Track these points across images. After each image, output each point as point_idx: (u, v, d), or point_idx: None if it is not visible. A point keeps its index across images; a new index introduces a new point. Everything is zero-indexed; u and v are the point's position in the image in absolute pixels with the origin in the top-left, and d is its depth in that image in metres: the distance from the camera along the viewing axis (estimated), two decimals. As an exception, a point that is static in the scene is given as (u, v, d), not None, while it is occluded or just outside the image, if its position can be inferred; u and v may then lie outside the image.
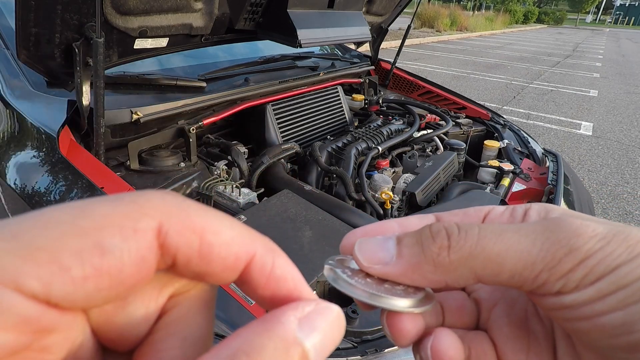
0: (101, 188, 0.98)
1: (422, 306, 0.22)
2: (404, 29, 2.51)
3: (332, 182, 1.51)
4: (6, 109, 1.29)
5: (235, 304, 0.77)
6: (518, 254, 0.20)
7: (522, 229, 0.21)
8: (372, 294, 0.22)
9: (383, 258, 0.22)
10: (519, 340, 0.24)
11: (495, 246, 0.20)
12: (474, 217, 0.25)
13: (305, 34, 1.48)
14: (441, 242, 0.21)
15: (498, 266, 0.20)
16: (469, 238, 0.21)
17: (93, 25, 1.04)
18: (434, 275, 0.21)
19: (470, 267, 0.21)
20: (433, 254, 0.21)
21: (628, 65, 12.12)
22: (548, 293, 0.20)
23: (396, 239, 0.23)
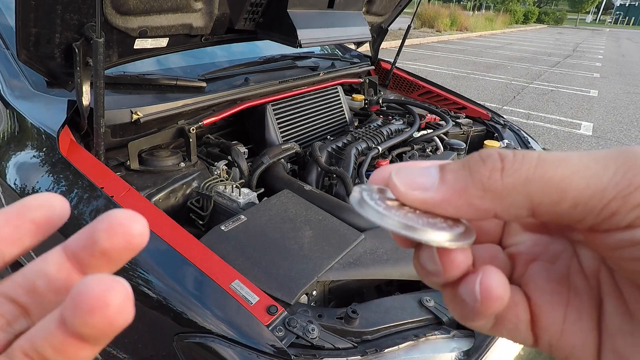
0: (101, 188, 0.98)
1: (464, 240, 0.19)
2: (404, 29, 2.51)
3: (332, 182, 1.51)
4: (6, 109, 1.29)
5: (235, 303, 0.78)
6: (586, 178, 0.17)
7: (593, 154, 0.18)
8: (407, 226, 0.19)
9: (424, 183, 0.20)
10: (557, 295, 0.22)
11: (558, 170, 0.18)
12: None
13: (305, 34, 1.48)
14: (493, 165, 0.18)
15: (560, 192, 0.17)
16: (526, 161, 0.18)
17: (93, 25, 1.04)
18: (482, 202, 0.19)
19: (526, 193, 0.18)
20: (483, 177, 0.18)
21: (628, 65, 12.12)
22: (616, 227, 0.17)
23: (439, 166, 0.20)
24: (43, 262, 0.17)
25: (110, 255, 0.17)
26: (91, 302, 0.15)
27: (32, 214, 0.18)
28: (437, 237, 0.19)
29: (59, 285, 0.17)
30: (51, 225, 0.18)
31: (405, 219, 0.19)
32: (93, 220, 0.17)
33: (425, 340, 0.83)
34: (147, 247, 0.72)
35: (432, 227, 0.19)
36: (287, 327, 0.76)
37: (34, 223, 0.17)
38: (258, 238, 1.01)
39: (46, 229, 0.18)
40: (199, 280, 0.81)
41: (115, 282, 0.15)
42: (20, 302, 0.17)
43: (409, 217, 0.19)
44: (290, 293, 0.86)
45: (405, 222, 0.19)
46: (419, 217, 0.20)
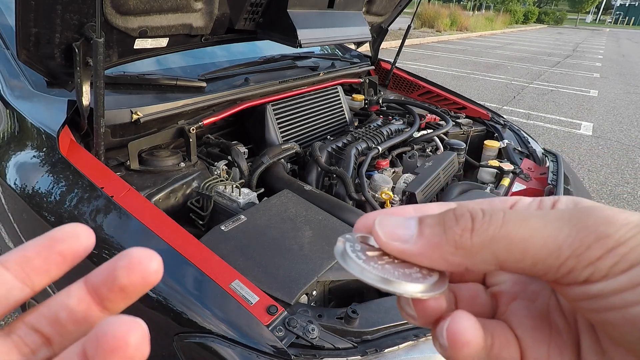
0: (101, 188, 0.98)
1: (436, 290, 0.21)
2: (404, 29, 2.51)
3: (332, 182, 1.51)
4: (6, 109, 1.29)
5: (235, 303, 0.78)
6: (543, 239, 0.19)
7: (550, 215, 0.20)
8: (384, 279, 0.21)
9: (403, 235, 0.22)
10: (539, 332, 0.23)
11: (519, 231, 0.20)
12: (499, 207, 0.24)
13: (305, 34, 1.48)
14: (465, 224, 0.21)
15: (521, 252, 0.19)
16: (494, 221, 0.20)
17: (93, 25, 1.04)
18: (454, 257, 0.21)
19: (492, 252, 0.20)
20: (455, 235, 0.21)
21: (628, 65, 12.12)
22: (574, 282, 0.19)
23: (418, 219, 0.22)
24: (66, 296, 0.19)
25: (128, 291, 0.19)
26: (113, 343, 0.16)
27: (59, 246, 0.19)
28: (410, 289, 0.21)
29: (79, 317, 0.19)
30: (77, 257, 0.19)
31: (383, 272, 0.21)
32: (113, 257, 0.19)
33: (425, 340, 0.83)
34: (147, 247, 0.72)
35: (406, 278, 0.21)
36: (287, 327, 0.76)
37: (61, 255, 0.19)
38: (258, 238, 1.01)
39: (72, 260, 0.19)
40: (199, 280, 0.81)
41: (135, 323, 0.17)
42: (43, 333, 0.19)
43: (387, 269, 0.22)
44: (290, 293, 0.86)
45: (382, 275, 0.21)
46: (396, 267, 0.22)
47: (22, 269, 0.18)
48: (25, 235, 1.15)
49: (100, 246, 0.91)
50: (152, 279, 0.19)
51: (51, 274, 0.19)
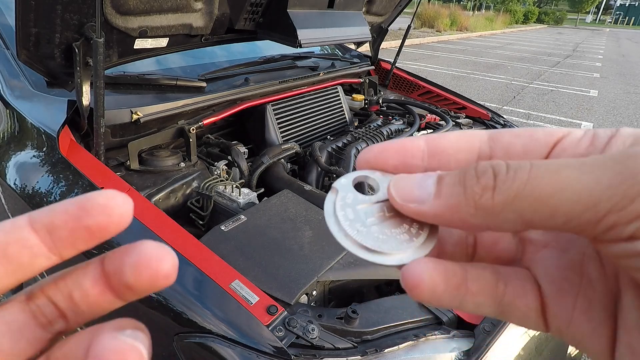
0: (101, 188, 0.98)
1: (419, 254, 0.20)
2: (404, 29, 2.51)
3: (332, 182, 1.51)
4: (6, 109, 1.29)
5: (235, 303, 0.78)
6: (577, 193, 0.17)
7: (586, 164, 0.17)
8: (362, 247, 0.20)
9: (420, 196, 0.20)
10: (567, 283, 0.21)
11: (548, 185, 0.17)
12: (541, 143, 0.21)
13: (305, 34, 1.48)
14: (486, 182, 0.18)
15: (551, 209, 0.17)
16: (518, 177, 0.18)
17: (93, 25, 1.04)
18: (474, 219, 0.19)
19: (516, 211, 0.18)
20: (475, 195, 0.18)
21: (628, 65, 12.12)
22: (617, 239, 0.17)
23: (437, 177, 0.20)
24: (82, 274, 0.18)
25: (135, 289, 0.18)
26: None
27: (87, 219, 0.17)
28: (389, 260, 0.20)
29: (91, 300, 0.18)
30: (106, 234, 0.18)
31: (365, 238, 0.20)
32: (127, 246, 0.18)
33: (425, 340, 0.83)
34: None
35: (389, 243, 0.20)
36: (287, 327, 0.76)
37: (87, 230, 0.17)
38: (258, 238, 1.01)
39: (100, 237, 0.18)
40: (199, 280, 0.81)
41: (130, 346, 0.17)
42: (59, 306, 0.18)
43: (371, 233, 0.21)
44: (290, 293, 0.86)
45: (363, 242, 0.20)
46: (383, 227, 0.21)
47: (50, 236, 0.17)
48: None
49: (100, 246, 0.91)
50: (161, 283, 0.17)
51: (78, 247, 0.18)
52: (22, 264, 0.17)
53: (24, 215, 0.17)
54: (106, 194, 0.17)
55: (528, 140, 0.21)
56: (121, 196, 0.17)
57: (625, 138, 0.19)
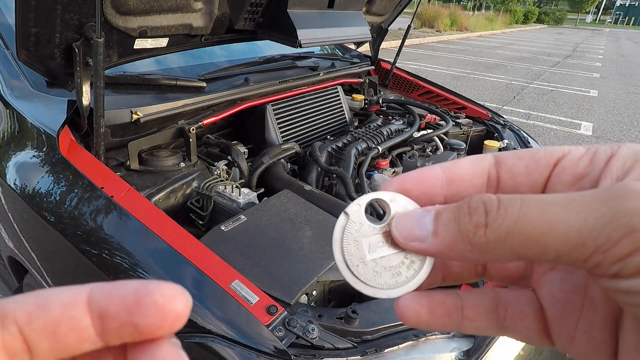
0: (101, 188, 0.98)
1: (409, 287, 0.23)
2: (404, 29, 2.51)
3: (332, 182, 1.51)
4: (6, 109, 1.29)
5: (235, 303, 0.77)
6: (565, 234, 0.17)
7: (575, 203, 0.18)
8: (356, 280, 0.23)
9: (420, 235, 0.21)
10: (570, 306, 0.22)
11: (537, 225, 0.18)
12: (542, 163, 0.21)
13: (305, 34, 1.48)
14: (478, 220, 0.19)
15: (541, 246, 0.18)
16: (509, 215, 0.18)
17: (93, 25, 1.04)
18: (471, 255, 0.20)
19: (509, 248, 0.18)
20: (469, 233, 0.19)
21: (628, 65, 12.12)
22: (603, 275, 0.18)
23: (434, 214, 0.21)
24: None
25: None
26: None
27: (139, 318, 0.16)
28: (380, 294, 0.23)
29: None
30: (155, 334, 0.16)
31: (361, 271, 0.23)
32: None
33: (425, 340, 0.83)
34: (147, 247, 0.72)
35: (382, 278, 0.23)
36: (287, 327, 0.76)
37: (135, 329, 0.16)
38: (258, 238, 1.01)
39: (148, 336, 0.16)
40: (199, 280, 0.81)
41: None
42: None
43: (367, 268, 0.23)
44: (290, 293, 0.86)
45: (357, 276, 0.23)
46: (382, 260, 0.23)
47: (101, 322, 0.16)
48: (25, 235, 1.15)
49: (101, 246, 0.91)
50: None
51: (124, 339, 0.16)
52: (67, 345, 0.16)
53: (86, 287, 0.16)
54: (166, 292, 0.16)
55: (530, 161, 0.22)
56: (181, 296, 0.16)
57: (625, 159, 0.19)
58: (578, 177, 0.21)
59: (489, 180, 0.22)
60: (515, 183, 0.22)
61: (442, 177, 0.23)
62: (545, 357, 1.04)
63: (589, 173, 0.20)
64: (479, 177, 0.23)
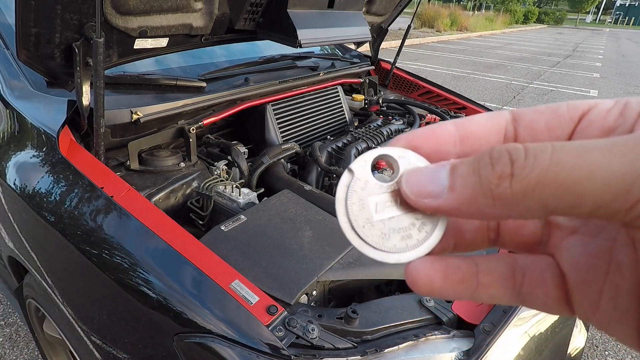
0: (101, 188, 0.98)
1: (421, 252, 0.21)
2: (404, 29, 2.51)
3: (332, 182, 1.51)
4: (6, 109, 1.29)
5: (235, 303, 0.77)
6: (605, 179, 0.15)
7: (616, 146, 0.16)
8: (363, 243, 0.21)
9: (433, 191, 0.19)
10: (593, 271, 0.20)
11: (573, 171, 0.16)
12: (565, 118, 0.20)
13: (305, 34, 1.48)
14: (502, 170, 0.17)
15: (577, 196, 0.16)
16: (538, 163, 0.16)
17: (93, 25, 1.04)
18: (493, 210, 0.18)
19: (538, 199, 0.16)
20: (492, 185, 0.17)
21: (628, 65, 12.12)
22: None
23: (450, 167, 0.19)
24: None
25: None
26: None
27: None
28: (390, 258, 0.21)
29: None
30: None
31: (370, 234, 0.21)
32: None
33: (425, 340, 0.83)
34: (147, 247, 0.72)
35: (391, 241, 0.21)
36: (287, 327, 0.76)
37: None
38: (258, 238, 1.01)
39: None
40: (199, 280, 0.81)
41: None
42: None
43: (375, 229, 0.21)
44: (290, 293, 0.86)
45: (365, 238, 0.21)
46: (390, 221, 0.21)
47: None
48: (25, 235, 1.15)
49: (101, 246, 0.91)
50: None
51: None
52: None
53: None
54: None
55: (551, 116, 0.20)
56: None
57: None
58: (607, 130, 0.19)
59: (505, 137, 0.21)
60: (534, 140, 0.20)
61: (455, 133, 0.21)
62: (546, 357, 1.04)
63: (619, 125, 0.19)
64: (495, 134, 0.21)
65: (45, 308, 1.20)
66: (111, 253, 0.89)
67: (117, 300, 0.89)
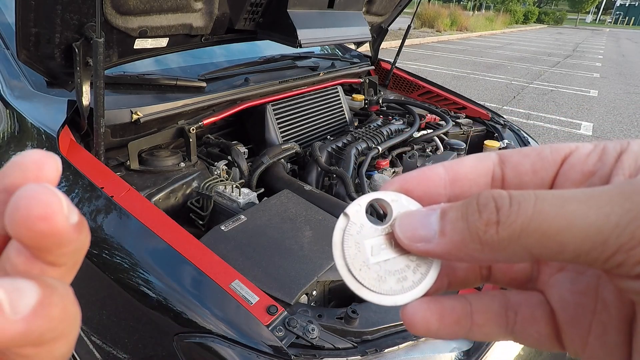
0: (101, 188, 0.98)
1: (416, 294, 0.21)
2: (404, 29, 2.51)
3: (332, 182, 1.51)
4: (6, 109, 1.29)
5: (235, 303, 0.77)
6: (584, 231, 0.16)
7: (593, 197, 0.17)
8: (360, 285, 0.21)
9: (425, 235, 0.20)
10: (581, 308, 0.21)
11: (554, 221, 0.16)
12: (549, 161, 0.21)
13: (305, 34, 1.48)
14: (488, 217, 0.18)
15: (558, 245, 0.17)
16: (522, 211, 0.17)
17: (93, 25, 1.04)
18: (481, 255, 0.18)
19: (523, 246, 0.17)
20: (479, 231, 0.18)
21: (628, 65, 12.12)
22: (625, 275, 0.17)
23: (440, 213, 0.20)
24: None
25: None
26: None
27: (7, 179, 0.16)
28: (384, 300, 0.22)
29: None
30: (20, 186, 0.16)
31: (364, 276, 0.21)
32: None
33: (425, 341, 0.83)
34: (147, 247, 0.72)
35: (385, 283, 0.21)
36: (287, 327, 0.76)
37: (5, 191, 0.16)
38: (258, 238, 1.01)
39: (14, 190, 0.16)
40: (199, 280, 0.81)
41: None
42: None
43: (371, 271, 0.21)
44: (290, 293, 0.86)
45: (362, 281, 0.21)
46: (385, 263, 0.21)
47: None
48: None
49: (100, 246, 0.91)
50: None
51: None
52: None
53: None
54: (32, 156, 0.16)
55: (536, 159, 0.21)
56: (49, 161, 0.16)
57: (637, 155, 0.19)
58: (587, 174, 0.20)
59: (493, 179, 0.22)
60: (520, 182, 0.21)
61: (445, 176, 0.22)
62: (545, 358, 1.04)
63: (598, 170, 0.20)
64: (483, 176, 0.22)
65: (45, 308, 1.20)
66: (111, 253, 0.89)
67: (117, 300, 0.90)
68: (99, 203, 0.97)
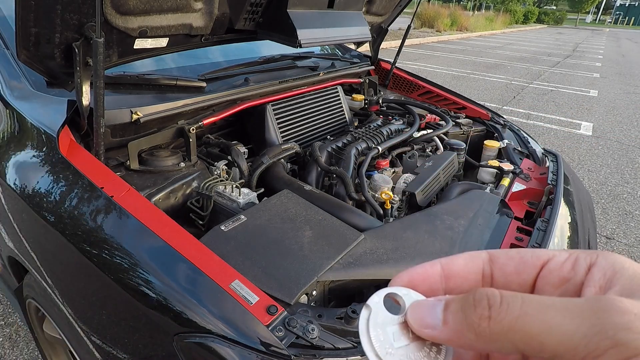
0: (101, 188, 0.98)
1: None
2: (404, 29, 2.51)
3: (332, 182, 1.51)
4: (6, 109, 1.29)
5: (234, 303, 0.77)
6: (559, 336, 0.19)
7: (568, 309, 0.20)
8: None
9: (431, 323, 0.24)
10: None
11: (536, 325, 0.20)
12: (530, 265, 0.25)
13: (305, 34, 1.48)
14: (482, 312, 0.21)
15: (539, 345, 0.20)
16: (510, 311, 0.21)
17: (93, 25, 1.04)
18: (477, 344, 0.22)
19: (510, 341, 0.21)
20: (474, 324, 0.21)
21: (628, 65, 12.12)
22: None
23: (444, 304, 0.24)
24: None
25: None
26: None
27: None
28: None
29: None
30: None
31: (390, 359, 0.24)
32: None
33: (425, 340, 0.83)
34: (147, 246, 0.72)
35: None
36: (287, 327, 0.76)
37: None
38: (258, 238, 1.01)
39: None
40: (199, 280, 0.81)
41: None
42: None
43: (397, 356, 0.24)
44: (290, 293, 0.86)
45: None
46: (405, 350, 0.25)
47: None
48: (25, 235, 1.15)
49: (100, 246, 0.91)
50: None
51: None
52: None
53: None
54: None
55: (519, 262, 0.25)
56: None
57: (605, 270, 0.22)
58: (563, 280, 0.24)
59: (483, 276, 0.26)
60: (506, 281, 0.25)
61: (441, 273, 0.26)
62: (545, 357, 1.04)
63: (572, 278, 0.24)
64: (474, 273, 0.26)
65: (45, 308, 1.20)
66: (111, 253, 0.89)
67: (117, 300, 0.89)
68: (98, 203, 0.97)
